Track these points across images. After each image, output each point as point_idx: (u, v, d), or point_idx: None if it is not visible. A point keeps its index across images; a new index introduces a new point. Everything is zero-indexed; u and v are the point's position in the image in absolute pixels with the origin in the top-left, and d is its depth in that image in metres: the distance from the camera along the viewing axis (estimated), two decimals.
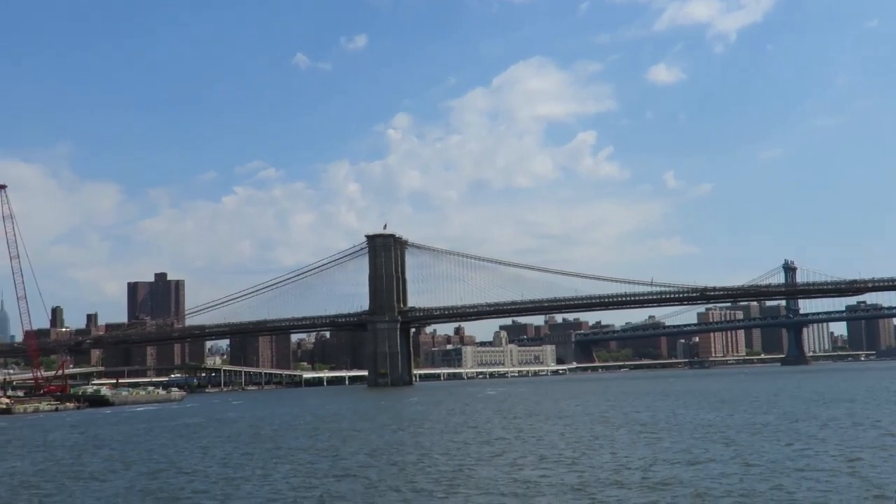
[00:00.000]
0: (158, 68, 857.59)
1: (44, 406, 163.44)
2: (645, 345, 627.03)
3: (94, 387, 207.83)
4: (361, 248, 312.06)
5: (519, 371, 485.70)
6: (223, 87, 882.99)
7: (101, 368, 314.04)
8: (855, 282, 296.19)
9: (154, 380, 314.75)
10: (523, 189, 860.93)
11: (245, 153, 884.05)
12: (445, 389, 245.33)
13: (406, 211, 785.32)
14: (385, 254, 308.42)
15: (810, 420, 78.33)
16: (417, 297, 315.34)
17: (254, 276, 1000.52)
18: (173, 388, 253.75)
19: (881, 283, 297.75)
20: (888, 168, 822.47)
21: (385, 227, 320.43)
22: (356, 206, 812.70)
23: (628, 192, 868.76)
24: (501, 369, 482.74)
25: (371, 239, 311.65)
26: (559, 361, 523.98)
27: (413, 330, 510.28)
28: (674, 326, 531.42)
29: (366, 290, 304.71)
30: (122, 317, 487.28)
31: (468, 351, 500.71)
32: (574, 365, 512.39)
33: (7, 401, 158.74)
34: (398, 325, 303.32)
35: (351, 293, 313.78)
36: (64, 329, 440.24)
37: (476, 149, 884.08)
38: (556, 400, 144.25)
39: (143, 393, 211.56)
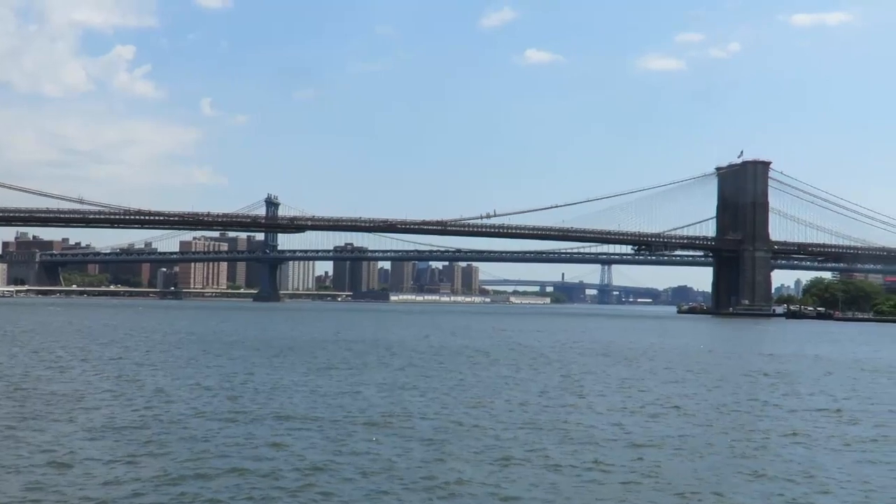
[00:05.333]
0: None
1: None
2: (127, 271, 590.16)
3: None
4: None
5: None
6: None
7: None
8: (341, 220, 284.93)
9: None
10: (51, 98, 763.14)
11: None
12: None
13: None
14: None
15: None
16: None
17: None
18: None
19: (367, 223, 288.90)
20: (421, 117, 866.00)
21: None
22: None
23: (163, 115, 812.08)
24: None
25: None
26: (18, 282, 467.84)
27: None
28: (157, 253, 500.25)
29: None
30: None
31: None
32: (27, 287, 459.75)
33: None
34: None
35: None
36: None
37: (0, 47, 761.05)
38: None
39: None
